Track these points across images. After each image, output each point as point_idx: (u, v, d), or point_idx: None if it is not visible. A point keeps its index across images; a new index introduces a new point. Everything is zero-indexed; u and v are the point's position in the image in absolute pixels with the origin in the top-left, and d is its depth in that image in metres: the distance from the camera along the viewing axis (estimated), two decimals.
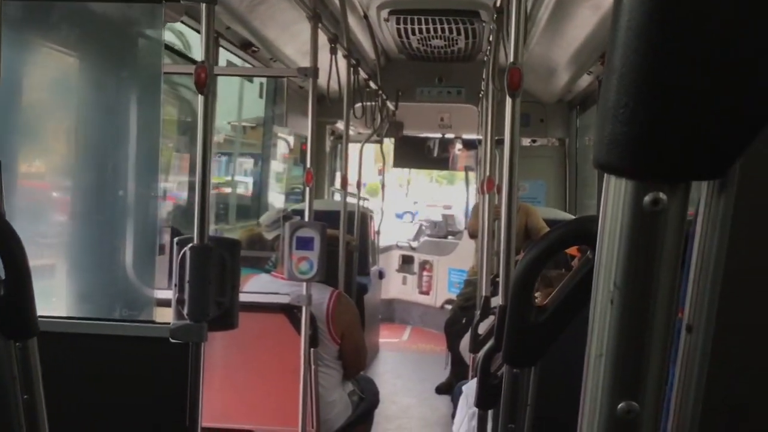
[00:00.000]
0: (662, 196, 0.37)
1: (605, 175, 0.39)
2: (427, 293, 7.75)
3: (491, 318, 3.02)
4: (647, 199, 0.38)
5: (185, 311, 2.04)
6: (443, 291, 7.51)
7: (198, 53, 2.13)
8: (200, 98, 2.05)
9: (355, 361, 3.34)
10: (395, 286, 8.00)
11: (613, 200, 0.39)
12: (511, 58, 2.09)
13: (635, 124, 0.36)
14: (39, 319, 1.31)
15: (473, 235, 5.38)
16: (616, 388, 0.39)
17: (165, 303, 2.24)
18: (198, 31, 3.50)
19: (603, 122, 0.38)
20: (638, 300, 0.39)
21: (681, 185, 0.38)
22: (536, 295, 2.40)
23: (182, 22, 3.43)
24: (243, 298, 2.18)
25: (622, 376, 0.39)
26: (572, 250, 3.02)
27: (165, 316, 2.17)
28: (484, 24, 4.93)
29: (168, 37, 3.43)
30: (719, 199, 0.38)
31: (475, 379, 2.28)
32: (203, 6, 2.05)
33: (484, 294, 3.30)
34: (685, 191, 0.38)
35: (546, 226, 4.90)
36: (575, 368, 0.48)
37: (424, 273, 7.81)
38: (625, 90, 0.36)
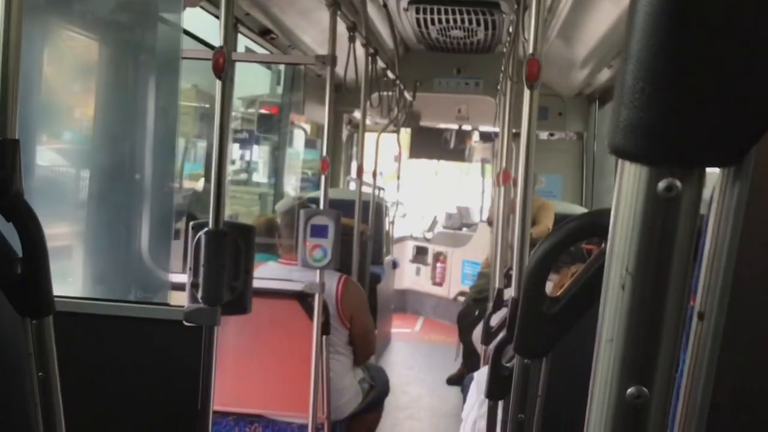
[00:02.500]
0: (676, 182, 0.37)
1: (619, 160, 0.39)
2: (440, 284, 7.76)
3: (504, 310, 3.02)
4: (661, 185, 0.38)
5: (199, 295, 2.05)
6: (456, 283, 7.51)
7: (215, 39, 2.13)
8: (218, 83, 2.06)
9: (364, 344, 3.35)
10: (409, 277, 8.01)
11: (627, 186, 0.39)
12: (530, 50, 2.09)
13: (651, 109, 0.36)
14: (54, 298, 1.33)
15: (492, 223, 5.37)
16: (626, 372, 0.39)
17: (179, 287, 2.26)
18: (217, 17, 3.51)
19: (619, 107, 0.38)
20: (650, 285, 0.39)
21: (695, 172, 0.37)
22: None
23: (201, 7, 3.44)
24: (256, 284, 2.20)
25: (632, 361, 0.39)
26: (589, 246, 3.01)
27: (179, 300, 2.19)
28: (504, 15, 4.90)
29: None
30: (733, 187, 0.38)
31: (487, 367, 2.29)
32: None
33: (497, 286, 3.30)
34: (700, 178, 0.38)
35: (550, 221, 4.87)
36: (586, 360, 0.49)
37: (438, 264, 7.82)
38: (641, 75, 0.36)
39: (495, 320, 3.06)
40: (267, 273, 3.23)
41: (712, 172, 0.39)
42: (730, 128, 0.36)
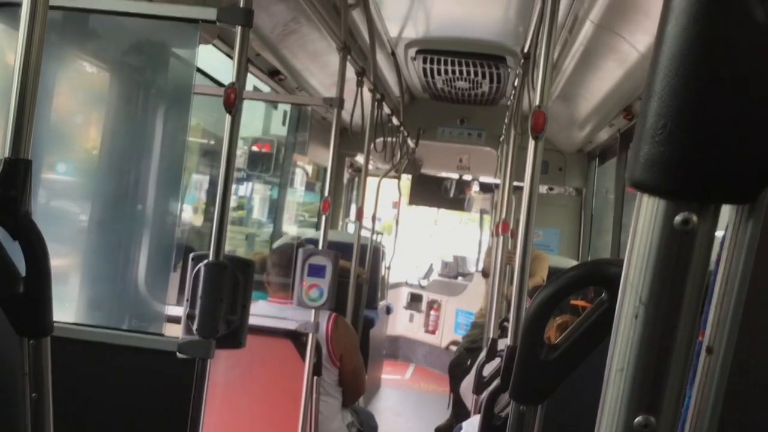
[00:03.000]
0: (693, 216, 0.39)
1: (638, 193, 0.41)
2: (433, 332, 7.72)
3: (497, 360, 3.01)
4: (678, 218, 0.39)
5: (195, 327, 2.05)
6: (449, 331, 7.48)
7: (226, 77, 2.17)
8: (227, 118, 2.09)
9: (354, 384, 3.32)
10: (402, 323, 7.97)
11: (644, 218, 0.40)
12: (537, 102, 2.12)
13: (671, 145, 0.38)
14: None
15: (487, 275, 5.38)
16: (635, 401, 0.40)
17: (174, 320, 2.25)
18: (228, 55, 3.57)
19: (640, 143, 0.39)
20: (663, 316, 0.40)
21: (711, 207, 0.39)
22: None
23: (213, 45, 3.51)
24: (251, 320, 2.19)
25: (641, 390, 0.40)
26: (582, 302, 3.02)
27: (174, 332, 2.18)
28: (509, 69, 4.99)
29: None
30: (747, 224, 0.39)
31: (477, 416, 2.27)
32: (238, 29, 2.09)
33: (491, 336, 3.29)
34: (715, 213, 0.39)
35: (544, 272, 4.90)
36: (579, 409, 0.49)
37: (432, 312, 7.79)
38: (664, 112, 0.38)
39: (488, 370, 3.04)
40: (258, 311, 3.22)
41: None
42: (746, 167, 0.38)
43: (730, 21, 0.37)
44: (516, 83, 4.20)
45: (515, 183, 3.98)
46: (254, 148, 5.71)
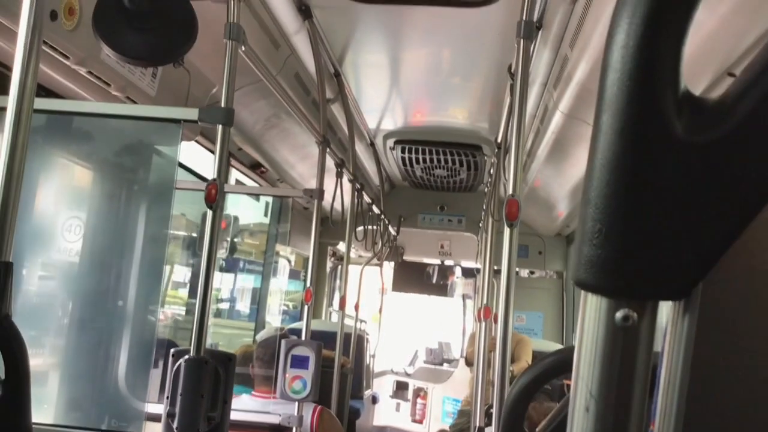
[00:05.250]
0: (632, 313, 0.42)
1: (582, 291, 0.44)
2: (420, 422, 7.57)
3: None
4: (618, 315, 0.42)
5: (175, 425, 2.02)
6: (437, 420, 7.34)
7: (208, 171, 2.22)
8: (209, 213, 2.13)
9: None
10: (388, 413, 7.82)
11: (589, 315, 0.43)
12: (510, 191, 2.19)
13: (607, 249, 0.42)
14: None
15: (470, 363, 5.35)
16: None
17: (155, 417, 2.22)
18: (210, 151, 3.65)
19: (580, 245, 0.43)
20: (612, 408, 0.42)
21: (649, 303, 0.42)
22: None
23: (196, 141, 3.59)
24: (233, 415, 2.17)
25: None
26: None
27: (154, 430, 2.14)
28: (485, 157, 5.11)
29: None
30: (684, 318, 0.42)
31: None
32: (219, 127, 2.16)
33: (477, 424, 3.26)
34: (653, 309, 0.42)
35: (529, 357, 4.89)
36: None
37: (419, 400, 7.66)
38: (598, 218, 0.42)
39: None
40: (242, 406, 3.17)
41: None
42: (678, 266, 0.41)
43: (651, 136, 0.41)
44: (492, 171, 4.30)
45: (495, 267, 4.03)
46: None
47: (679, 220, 0.40)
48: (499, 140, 3.54)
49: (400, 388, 7.85)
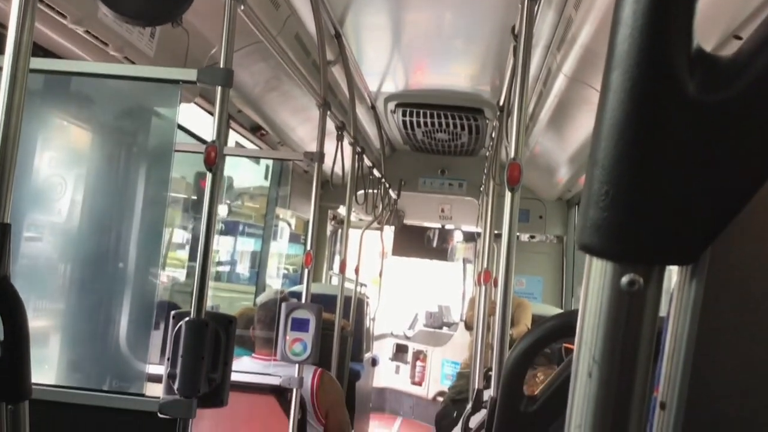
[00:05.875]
0: (638, 278, 0.41)
1: (587, 256, 0.43)
2: (419, 384, 7.65)
3: (483, 411, 2.99)
4: (624, 280, 0.41)
5: (176, 386, 2.03)
6: (436, 382, 7.41)
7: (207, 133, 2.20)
8: (208, 176, 2.11)
9: None
10: (388, 375, 7.89)
11: (593, 280, 0.42)
12: (512, 154, 2.17)
13: (614, 211, 0.40)
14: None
15: (470, 327, 5.38)
16: None
17: (157, 378, 2.23)
18: (210, 113, 3.62)
19: (586, 208, 0.42)
20: (615, 374, 0.41)
21: (655, 268, 0.41)
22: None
23: (195, 103, 3.55)
24: (233, 377, 2.18)
25: None
26: (570, 345, 3.02)
27: (155, 390, 2.16)
28: (487, 121, 5.08)
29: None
30: (691, 283, 0.41)
31: None
32: (218, 89, 2.13)
33: (476, 387, 3.28)
34: (660, 274, 0.41)
35: (528, 320, 4.92)
36: None
37: (418, 363, 7.73)
38: (606, 179, 0.41)
39: (474, 422, 3.02)
40: (242, 368, 3.19)
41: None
42: (686, 229, 0.40)
43: (662, 94, 0.39)
44: (493, 135, 4.27)
45: (496, 232, 4.02)
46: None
47: (690, 181, 0.39)
48: (501, 103, 3.51)
49: (400, 351, 7.91)
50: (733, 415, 0.41)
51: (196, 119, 3.88)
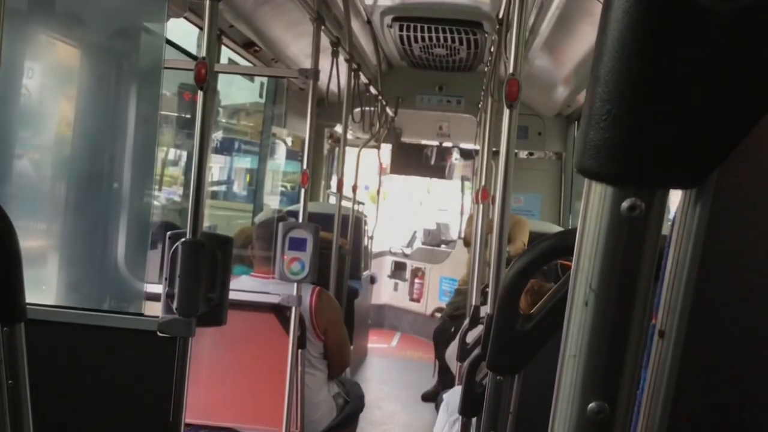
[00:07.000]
0: (640, 202, 0.38)
1: (586, 180, 0.40)
2: (417, 301, 7.76)
3: (480, 327, 3.03)
4: (625, 204, 0.39)
5: (174, 305, 2.04)
6: (434, 299, 7.52)
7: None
8: (200, 94, 2.06)
9: (338, 356, 3.34)
10: (386, 292, 8.00)
11: (592, 204, 0.40)
12: (511, 70, 2.11)
13: (616, 132, 0.38)
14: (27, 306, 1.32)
15: (468, 244, 5.40)
16: (588, 388, 0.40)
17: (155, 297, 2.24)
18: (201, 28, 3.52)
19: (586, 129, 0.39)
20: (613, 303, 0.40)
21: (658, 193, 0.39)
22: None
23: (185, 18, 3.45)
24: (232, 296, 2.19)
25: (594, 377, 0.40)
26: (566, 262, 3.04)
27: (154, 310, 2.17)
28: (486, 35, 4.95)
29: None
30: (695, 208, 0.39)
31: (458, 387, 2.29)
32: (207, 3, 2.05)
33: (473, 303, 3.31)
34: (663, 199, 0.39)
35: (525, 237, 4.94)
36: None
37: (416, 280, 7.82)
38: (608, 98, 0.38)
39: (471, 337, 3.07)
40: (241, 287, 3.21)
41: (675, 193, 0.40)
42: (692, 152, 0.37)
43: (671, 3, 0.36)
44: (492, 49, 4.17)
45: (494, 149, 3.98)
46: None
47: (699, 99, 0.36)
48: (500, 16, 3.40)
49: (398, 269, 8.00)
50: (734, 343, 0.40)
51: (192, 36, 3.78)
